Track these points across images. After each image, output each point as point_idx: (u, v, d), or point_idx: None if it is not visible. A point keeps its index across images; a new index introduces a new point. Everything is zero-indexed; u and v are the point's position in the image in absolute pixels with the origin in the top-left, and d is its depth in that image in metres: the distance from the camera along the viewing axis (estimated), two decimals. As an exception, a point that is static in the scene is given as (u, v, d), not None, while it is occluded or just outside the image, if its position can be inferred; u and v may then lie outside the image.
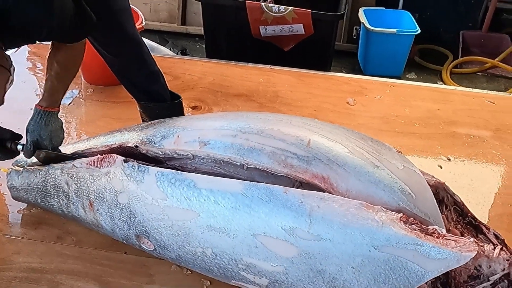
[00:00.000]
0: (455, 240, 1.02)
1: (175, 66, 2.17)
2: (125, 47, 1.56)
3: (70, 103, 1.93)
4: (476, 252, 1.00)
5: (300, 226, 1.04)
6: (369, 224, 1.01)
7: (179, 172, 1.15)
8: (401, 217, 1.04)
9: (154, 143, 1.26)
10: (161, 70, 1.67)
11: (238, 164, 1.19)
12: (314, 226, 1.03)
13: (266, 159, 1.16)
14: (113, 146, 1.31)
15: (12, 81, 1.13)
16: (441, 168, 1.68)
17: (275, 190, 1.07)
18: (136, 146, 1.28)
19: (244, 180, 1.14)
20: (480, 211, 1.36)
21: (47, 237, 1.39)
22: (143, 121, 1.67)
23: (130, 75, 1.63)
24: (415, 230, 1.02)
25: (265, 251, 1.07)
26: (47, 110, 1.32)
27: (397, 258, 1.00)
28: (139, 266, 1.33)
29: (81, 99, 1.97)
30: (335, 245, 1.02)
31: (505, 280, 1.13)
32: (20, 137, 1.38)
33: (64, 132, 1.39)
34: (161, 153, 1.25)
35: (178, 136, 1.24)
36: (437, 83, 3.17)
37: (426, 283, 1.14)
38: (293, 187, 1.12)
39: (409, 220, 1.04)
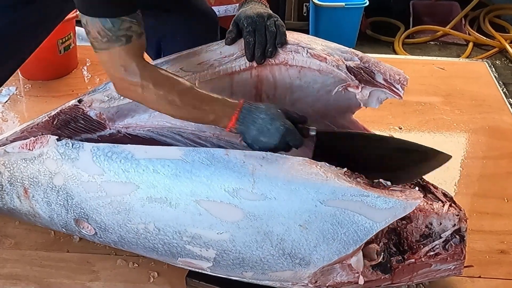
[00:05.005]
0: (400, 190, 1.01)
1: (119, 54, 2.10)
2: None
3: (6, 101, 1.84)
4: (422, 199, 0.99)
5: (244, 186, 1.00)
6: (313, 178, 0.99)
7: (116, 145, 1.10)
8: (345, 171, 1.02)
9: (98, 89, 1.20)
10: None
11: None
12: (258, 185, 0.99)
13: None
14: (52, 114, 1.22)
15: None
16: (393, 138, 1.67)
17: (216, 153, 1.03)
18: (80, 100, 1.21)
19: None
20: (432, 177, 1.33)
21: (-17, 242, 1.31)
22: None
23: None
24: (360, 183, 1.01)
25: (210, 218, 1.03)
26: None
27: (344, 211, 0.98)
28: (82, 264, 1.27)
29: (18, 96, 1.88)
30: (280, 203, 0.99)
31: (457, 236, 1.13)
32: (305, 120, 1.12)
33: None
34: (106, 98, 1.19)
35: None
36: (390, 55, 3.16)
37: (378, 244, 1.12)
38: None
39: (354, 174, 1.02)
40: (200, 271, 1.15)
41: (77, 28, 2.00)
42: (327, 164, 1.03)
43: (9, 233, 1.34)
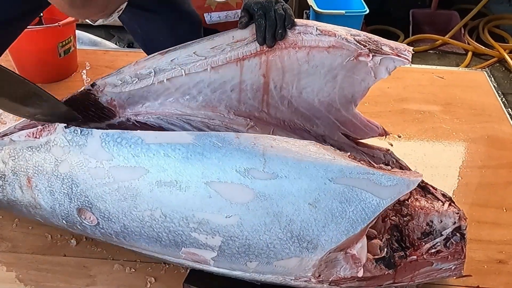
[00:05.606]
0: (401, 171, 1.05)
1: (118, 59, 2.06)
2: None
3: None
4: (421, 178, 1.04)
5: (255, 166, 1.02)
6: (322, 158, 1.03)
7: (126, 131, 1.11)
8: (349, 155, 1.06)
9: (113, 74, 1.22)
10: None
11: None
12: (269, 164, 1.02)
13: None
14: (63, 101, 1.22)
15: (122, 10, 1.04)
16: (392, 145, 1.65)
17: (227, 136, 1.06)
18: (93, 84, 1.21)
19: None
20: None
21: (-21, 245, 1.29)
22: None
23: None
24: (364, 164, 1.04)
25: (219, 200, 1.03)
26: None
27: (352, 188, 1.00)
28: (79, 268, 1.25)
29: (17, 99, 1.88)
30: (291, 182, 1.01)
31: (457, 234, 1.16)
32: None
33: None
34: (120, 82, 1.20)
35: (136, 61, 1.21)
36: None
37: (381, 240, 1.14)
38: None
39: (357, 157, 1.06)
40: (202, 266, 1.13)
41: (77, 31, 2.03)
42: (333, 148, 1.07)
43: (6, 236, 1.32)
